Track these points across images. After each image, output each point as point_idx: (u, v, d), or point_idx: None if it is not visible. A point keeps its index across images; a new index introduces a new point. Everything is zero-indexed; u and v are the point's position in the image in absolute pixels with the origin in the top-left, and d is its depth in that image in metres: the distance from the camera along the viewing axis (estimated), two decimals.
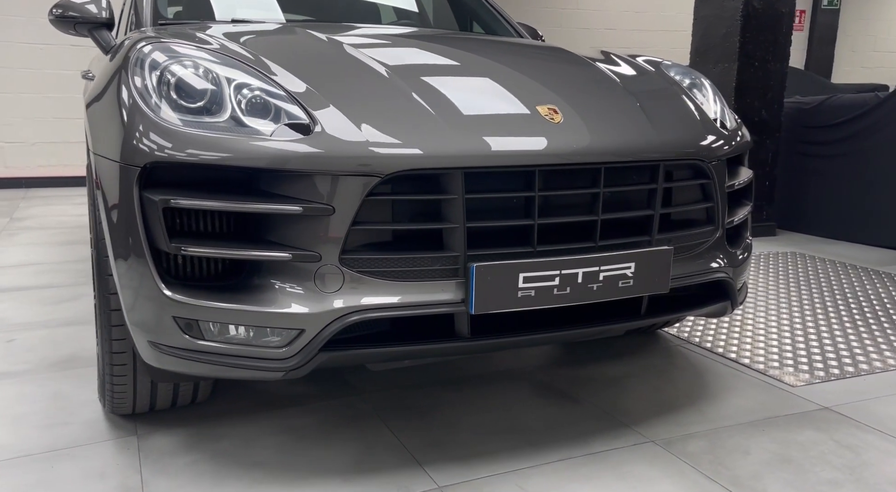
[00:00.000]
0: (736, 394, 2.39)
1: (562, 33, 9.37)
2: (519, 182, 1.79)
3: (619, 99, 2.06)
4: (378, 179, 1.64)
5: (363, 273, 1.68)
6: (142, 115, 1.70)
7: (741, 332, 3.00)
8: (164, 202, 1.62)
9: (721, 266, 2.11)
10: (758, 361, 2.67)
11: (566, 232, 1.86)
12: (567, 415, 2.22)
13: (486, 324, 1.81)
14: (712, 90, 2.37)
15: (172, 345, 1.72)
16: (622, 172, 1.91)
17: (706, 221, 2.08)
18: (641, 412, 2.24)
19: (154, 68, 1.78)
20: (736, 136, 2.22)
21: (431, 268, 1.71)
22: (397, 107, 1.79)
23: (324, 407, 2.25)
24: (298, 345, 1.67)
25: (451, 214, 1.70)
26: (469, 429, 2.12)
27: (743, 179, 2.22)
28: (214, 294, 1.68)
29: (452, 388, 2.41)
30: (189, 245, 1.63)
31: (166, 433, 2.07)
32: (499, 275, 1.71)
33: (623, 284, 1.84)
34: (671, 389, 2.42)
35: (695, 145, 2.00)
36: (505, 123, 1.82)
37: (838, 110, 5.04)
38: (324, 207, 1.63)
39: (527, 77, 2.07)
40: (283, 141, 1.64)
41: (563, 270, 1.76)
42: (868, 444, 2.04)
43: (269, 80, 1.78)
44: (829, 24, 12.36)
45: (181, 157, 1.63)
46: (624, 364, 2.64)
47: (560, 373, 2.55)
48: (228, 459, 1.94)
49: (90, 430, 2.10)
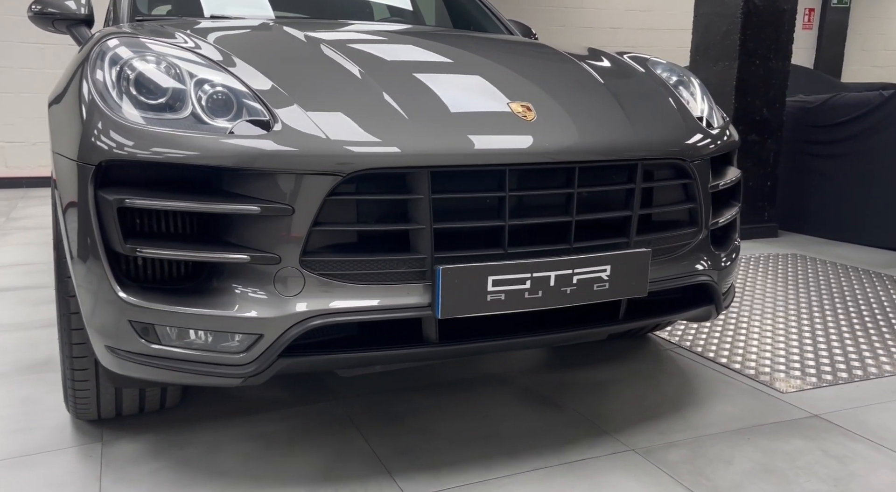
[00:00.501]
0: (723, 400, 2.31)
1: (566, 32, 9.31)
2: (489, 182, 1.72)
3: (597, 97, 1.99)
4: (339, 179, 1.57)
5: (325, 276, 1.62)
6: (100, 111, 1.64)
7: (734, 336, 2.92)
8: (119, 202, 1.56)
9: (705, 269, 2.03)
10: (749, 366, 2.59)
11: (540, 233, 1.79)
12: (547, 422, 2.15)
13: (456, 328, 1.74)
14: (700, 88, 2.30)
15: (129, 350, 1.66)
16: (598, 172, 1.84)
17: (689, 223, 2.01)
18: (624, 419, 2.17)
19: (115, 63, 1.72)
20: (723, 135, 2.15)
21: (397, 271, 1.65)
22: (364, 105, 1.73)
23: (297, 413, 2.20)
24: (257, 351, 1.61)
25: (417, 215, 1.64)
26: (444, 436, 2.06)
27: (729, 179, 2.14)
28: (171, 297, 1.62)
29: (431, 393, 2.34)
30: (145, 246, 1.58)
31: (132, 440, 2.02)
32: (466, 278, 1.64)
33: (598, 288, 1.77)
34: (656, 395, 2.35)
35: (676, 144, 1.93)
36: (475, 120, 1.75)
37: (842, 109, 4.94)
38: (283, 208, 1.57)
39: (503, 74, 2.01)
40: (238, 138, 1.58)
41: (535, 272, 1.69)
42: (856, 454, 1.97)
43: (234, 78, 1.73)
44: (839, 23, 12.23)
45: (135, 155, 1.57)
46: (611, 369, 2.57)
47: (544, 377, 2.48)
48: (192, 467, 1.88)
49: (55, 436, 2.05)
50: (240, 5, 3.02)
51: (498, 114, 1.78)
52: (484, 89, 1.88)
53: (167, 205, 1.56)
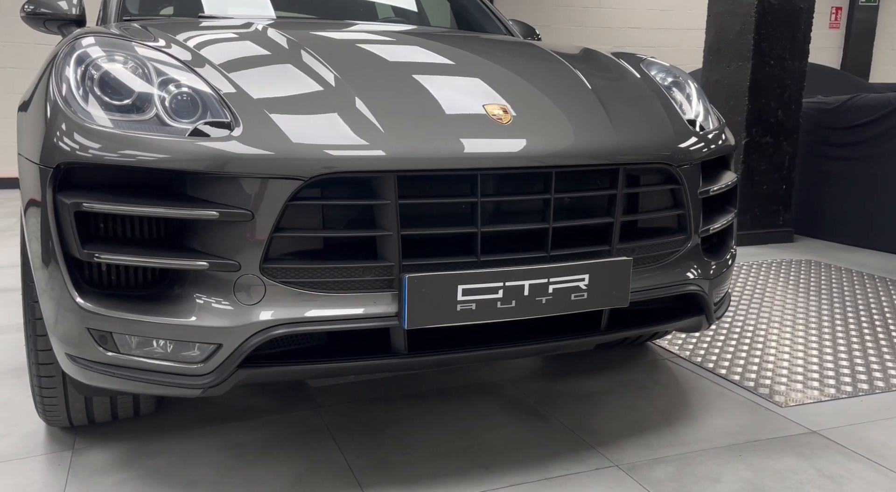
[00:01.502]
0: (717, 414, 2.22)
1: (584, 32, 9.18)
2: (461, 187, 1.65)
3: (580, 99, 1.91)
4: (300, 183, 1.52)
5: (288, 284, 1.56)
6: (62, 112, 1.59)
7: (737, 345, 2.82)
8: (76, 206, 1.51)
9: (694, 278, 1.95)
10: (749, 377, 2.49)
11: (516, 241, 1.72)
12: (530, 434, 2.08)
13: (427, 339, 1.68)
14: (696, 90, 2.21)
15: (88, 358, 1.61)
16: (577, 177, 1.77)
17: (676, 230, 1.93)
18: (610, 433, 2.09)
19: (80, 63, 1.67)
20: (717, 139, 2.06)
21: (363, 279, 1.59)
22: (332, 109, 1.66)
23: (274, 421, 2.14)
24: (216, 361, 1.56)
25: (384, 221, 1.58)
26: (422, 448, 1.99)
27: (723, 184, 2.05)
28: (130, 305, 1.57)
29: (416, 401, 2.28)
30: (103, 252, 1.53)
31: (104, 448, 1.98)
32: (435, 287, 1.57)
33: (576, 298, 1.70)
34: (647, 407, 2.27)
35: (661, 148, 1.85)
36: (447, 123, 1.69)
37: (861, 111, 4.79)
38: (242, 213, 1.51)
39: (484, 75, 1.94)
40: (196, 141, 1.53)
41: (508, 281, 1.62)
42: (852, 473, 1.87)
43: (200, 79, 1.68)
44: (868, 21, 11.94)
45: (93, 157, 1.53)
46: (603, 379, 2.49)
47: (533, 387, 2.41)
48: (159, 478, 1.84)
49: (27, 443, 2.01)
50: (241, 5, 2.99)
51: (472, 116, 1.71)
52: (460, 91, 1.82)
53: (123, 209, 1.51)
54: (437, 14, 3.48)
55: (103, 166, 1.54)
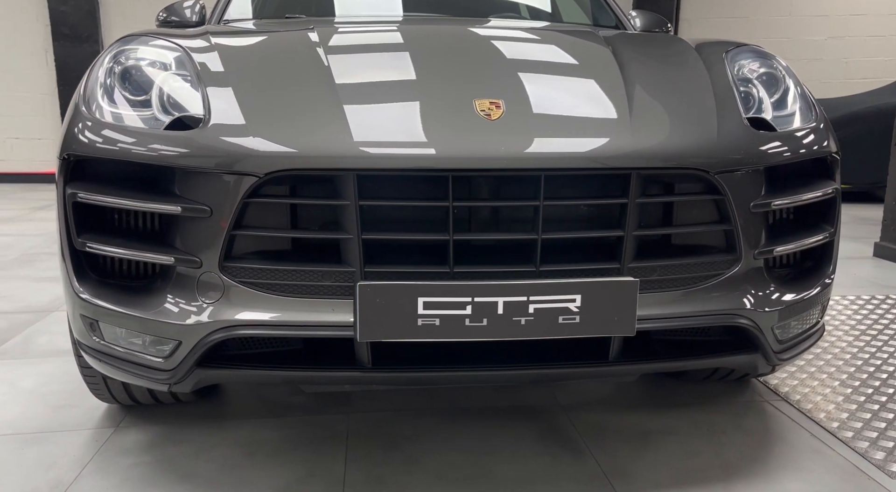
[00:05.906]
0: (798, 477, 1.82)
1: (792, 23, 8.12)
2: (434, 189, 1.50)
3: (599, 93, 1.65)
4: (256, 180, 1.46)
5: (247, 284, 1.51)
6: (79, 107, 1.69)
7: (869, 397, 2.31)
8: (73, 197, 1.59)
9: (744, 307, 1.61)
10: (866, 436, 2.02)
11: (501, 253, 1.53)
12: (553, 471, 1.85)
13: (396, 353, 1.55)
14: (794, 85, 1.84)
15: (84, 343, 1.70)
16: (578, 182, 1.53)
17: (722, 248, 1.61)
18: (649, 482, 1.80)
19: (109, 61, 1.76)
20: (796, 142, 1.69)
21: (322, 283, 1.50)
22: (310, 109, 1.58)
23: (301, 422, 2.12)
24: (177, 358, 1.56)
25: (344, 223, 1.47)
26: (430, 470, 1.85)
27: (800, 197, 1.67)
28: (113, 296, 1.62)
29: (446, 417, 2.13)
30: (92, 242, 1.60)
31: (141, 429, 2.07)
32: (391, 297, 1.44)
33: (565, 321, 1.47)
34: (711, 456, 1.92)
35: (695, 151, 1.54)
36: (425, 119, 1.54)
37: None
38: (201, 208, 1.49)
39: (494, 67, 1.75)
40: (161, 133, 1.54)
41: (477, 297, 1.44)
42: None
43: (197, 79, 1.68)
44: None
45: (90, 150, 1.60)
46: (672, 416, 2.16)
47: (585, 417, 2.15)
48: (167, 466, 1.88)
49: (85, 417, 2.16)
50: (368, 6, 3.02)
51: (455, 112, 1.55)
52: (455, 85, 1.65)
53: (103, 200, 1.57)
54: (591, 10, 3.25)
55: (96, 159, 1.60)
